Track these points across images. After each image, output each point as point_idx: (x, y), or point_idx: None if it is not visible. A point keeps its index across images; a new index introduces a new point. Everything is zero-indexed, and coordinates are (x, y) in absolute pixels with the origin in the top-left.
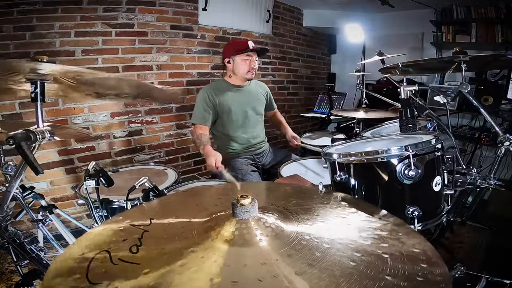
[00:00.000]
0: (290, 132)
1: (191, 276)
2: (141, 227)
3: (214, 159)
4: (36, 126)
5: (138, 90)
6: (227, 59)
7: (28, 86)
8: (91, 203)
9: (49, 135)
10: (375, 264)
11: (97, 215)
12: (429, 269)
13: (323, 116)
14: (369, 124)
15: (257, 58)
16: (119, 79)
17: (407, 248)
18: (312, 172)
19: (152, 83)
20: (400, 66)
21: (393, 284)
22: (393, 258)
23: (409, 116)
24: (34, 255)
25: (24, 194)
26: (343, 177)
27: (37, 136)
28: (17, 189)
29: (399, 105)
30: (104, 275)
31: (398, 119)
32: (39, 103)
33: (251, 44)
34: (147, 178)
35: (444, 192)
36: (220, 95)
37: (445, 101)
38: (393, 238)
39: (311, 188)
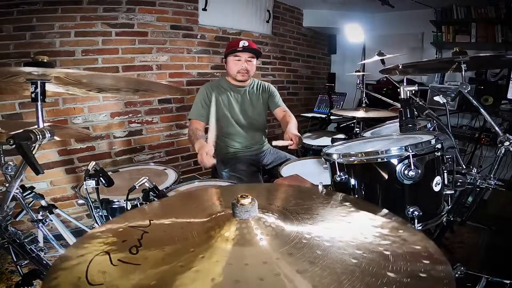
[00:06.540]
0: (290, 129)
1: (192, 276)
2: (140, 228)
3: (205, 152)
4: (36, 126)
5: (137, 86)
6: (224, 59)
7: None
8: (91, 203)
9: (49, 135)
10: (377, 261)
11: (97, 215)
12: (432, 266)
13: (323, 116)
14: (369, 124)
15: (248, 58)
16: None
17: (409, 245)
18: (312, 172)
19: None
20: (400, 67)
21: (396, 281)
22: (394, 255)
23: (409, 116)
24: (34, 255)
25: (24, 194)
26: (343, 177)
27: (37, 136)
28: (17, 189)
29: (399, 105)
30: (104, 276)
31: (398, 119)
32: (39, 103)
33: (242, 44)
34: (147, 178)
35: (444, 192)
36: (219, 93)
37: (445, 101)
38: (394, 236)
39: (310, 188)
